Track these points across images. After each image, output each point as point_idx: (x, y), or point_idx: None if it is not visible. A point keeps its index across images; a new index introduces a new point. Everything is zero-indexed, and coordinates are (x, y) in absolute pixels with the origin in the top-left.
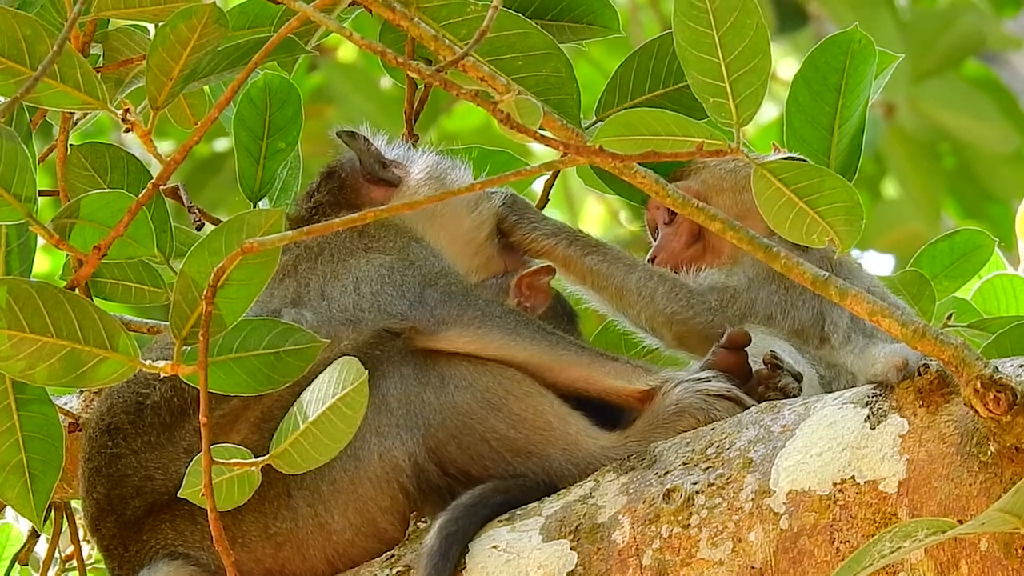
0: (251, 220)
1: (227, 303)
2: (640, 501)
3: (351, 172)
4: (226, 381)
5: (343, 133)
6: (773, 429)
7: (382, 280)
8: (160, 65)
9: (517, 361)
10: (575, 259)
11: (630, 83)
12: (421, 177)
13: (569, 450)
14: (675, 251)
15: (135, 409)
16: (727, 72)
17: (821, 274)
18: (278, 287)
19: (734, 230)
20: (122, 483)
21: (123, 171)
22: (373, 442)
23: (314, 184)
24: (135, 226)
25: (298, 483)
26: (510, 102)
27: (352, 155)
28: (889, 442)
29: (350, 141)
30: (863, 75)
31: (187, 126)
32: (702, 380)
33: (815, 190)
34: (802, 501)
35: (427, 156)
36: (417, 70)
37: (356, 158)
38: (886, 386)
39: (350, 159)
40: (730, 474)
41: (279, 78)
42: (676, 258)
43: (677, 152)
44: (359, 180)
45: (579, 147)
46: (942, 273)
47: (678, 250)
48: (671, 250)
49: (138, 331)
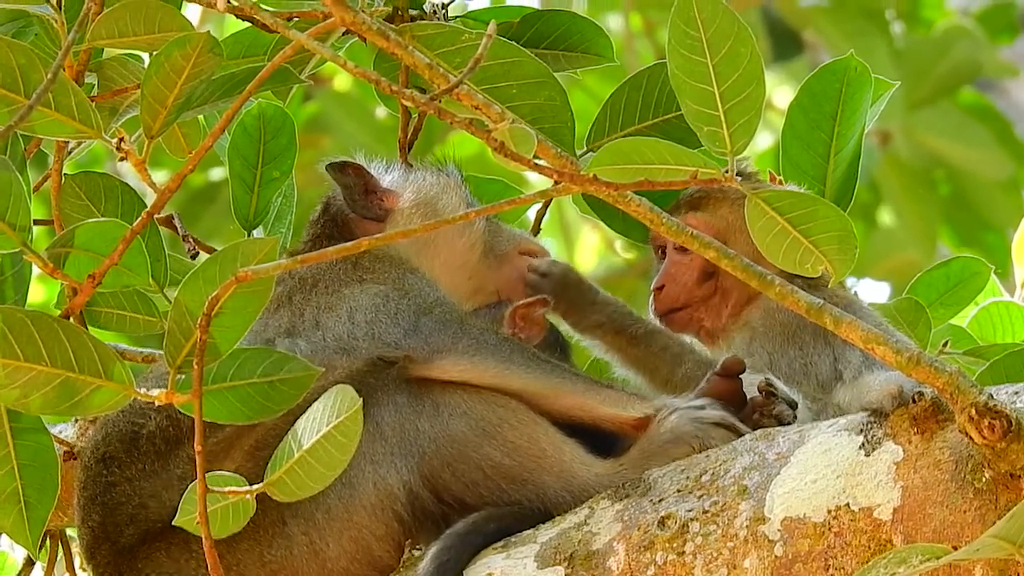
0: (245, 249)
1: (221, 332)
2: (635, 528)
3: (342, 207)
4: (220, 409)
5: (332, 165)
6: (768, 456)
7: (377, 309)
8: (155, 94)
9: (512, 389)
10: (621, 349)
11: (621, 112)
12: (411, 205)
13: (564, 477)
14: (686, 285)
15: (130, 438)
16: (721, 101)
17: (816, 302)
18: (272, 317)
19: (728, 258)
20: (117, 511)
21: (117, 200)
22: (368, 470)
23: (312, 217)
24: (129, 255)
25: (293, 511)
26: (504, 130)
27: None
28: (884, 469)
29: (337, 175)
30: (859, 103)
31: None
32: (697, 408)
33: (809, 219)
34: (797, 528)
35: (418, 180)
36: (411, 98)
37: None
38: (881, 413)
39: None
40: (725, 501)
41: (273, 107)
42: (685, 293)
43: (671, 180)
44: (349, 215)
45: (573, 175)
46: (938, 301)
47: (689, 285)
48: (681, 283)
49: (133, 360)
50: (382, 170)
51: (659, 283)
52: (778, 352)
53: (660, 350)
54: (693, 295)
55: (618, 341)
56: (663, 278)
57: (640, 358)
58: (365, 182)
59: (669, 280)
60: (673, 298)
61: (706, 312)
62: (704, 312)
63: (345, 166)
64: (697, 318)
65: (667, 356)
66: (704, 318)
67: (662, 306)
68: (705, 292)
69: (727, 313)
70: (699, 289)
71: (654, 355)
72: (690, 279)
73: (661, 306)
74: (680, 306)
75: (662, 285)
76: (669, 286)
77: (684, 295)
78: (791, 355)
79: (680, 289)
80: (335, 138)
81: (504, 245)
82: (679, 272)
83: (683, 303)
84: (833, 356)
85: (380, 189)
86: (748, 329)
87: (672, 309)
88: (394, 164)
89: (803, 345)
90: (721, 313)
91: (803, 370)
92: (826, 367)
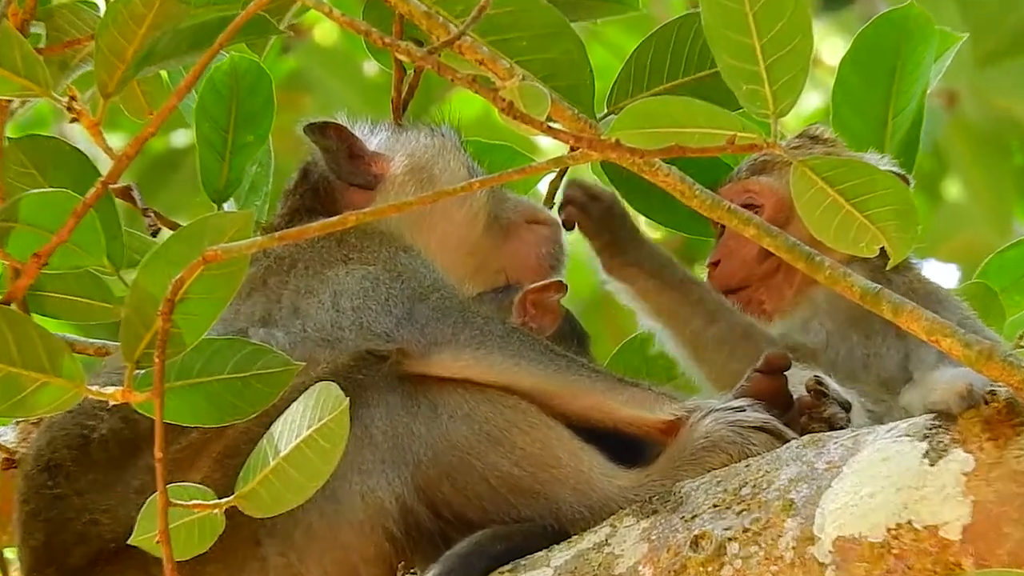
0: (214, 224)
1: (187, 320)
2: (664, 549)
3: (324, 173)
4: (185, 410)
5: (312, 127)
6: (817, 466)
7: (365, 294)
8: (111, 46)
9: (521, 388)
10: (653, 293)
11: (647, 69)
12: (404, 171)
13: (581, 490)
14: (744, 261)
15: (79, 443)
16: (762, 55)
17: (872, 287)
18: (245, 303)
19: (771, 236)
20: (64, 528)
21: (67, 168)
22: (355, 481)
23: (289, 186)
24: (81, 231)
25: (268, 528)
26: (513, 89)
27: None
28: (951, 481)
29: (318, 138)
30: (920, 58)
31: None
32: (735, 410)
33: (864, 191)
34: (851, 549)
35: (411, 141)
36: (406, 52)
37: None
38: (948, 416)
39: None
40: (768, 518)
41: (247, 62)
42: (743, 271)
43: (705, 146)
44: (333, 182)
45: (592, 140)
46: (1012, 286)
47: (748, 261)
48: (739, 259)
49: (84, 352)
50: (368, 132)
51: (714, 258)
52: (838, 334)
53: (695, 302)
54: (752, 272)
55: (652, 286)
56: (719, 252)
57: (670, 307)
58: (349, 145)
59: (726, 255)
60: (729, 276)
61: (767, 292)
62: (765, 292)
63: (326, 127)
64: (757, 299)
65: (700, 310)
66: (765, 299)
67: (717, 285)
68: (766, 269)
69: (791, 294)
70: (759, 266)
71: (688, 305)
72: (749, 254)
73: (717, 284)
74: (737, 285)
75: (717, 260)
76: (725, 262)
77: (742, 272)
78: (853, 341)
79: (738, 266)
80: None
81: (510, 215)
82: (737, 246)
83: (741, 282)
84: (905, 353)
85: (367, 153)
86: (809, 305)
87: (728, 289)
88: (382, 125)
89: (870, 333)
90: (784, 294)
91: (863, 361)
92: (892, 363)
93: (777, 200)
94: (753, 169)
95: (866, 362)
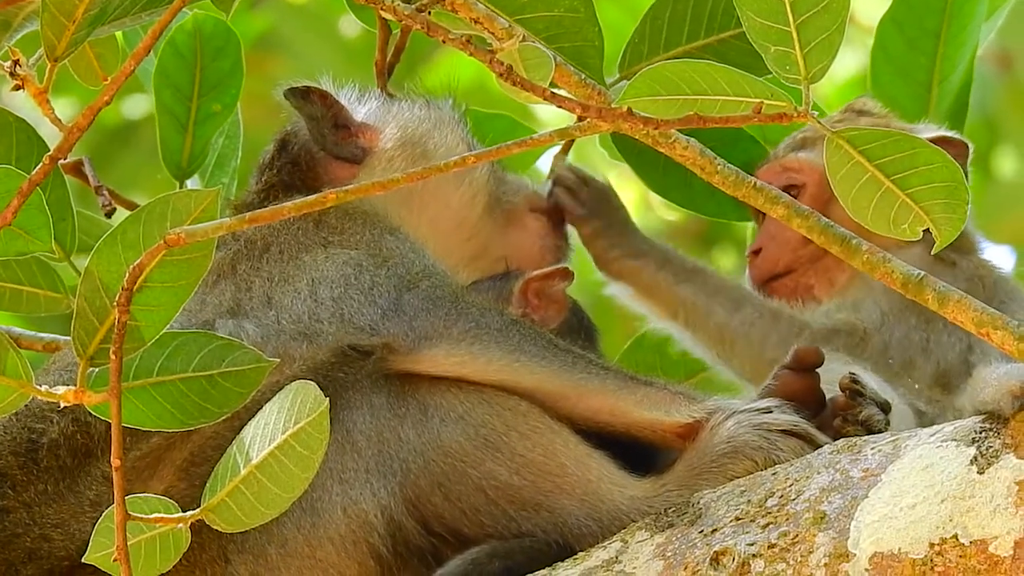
0: (177, 204)
1: (146, 312)
2: (680, 567)
3: (306, 144)
4: (145, 412)
5: (294, 91)
6: (852, 474)
7: (346, 282)
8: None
9: (522, 387)
10: (664, 288)
11: (664, 29)
12: (395, 145)
13: (589, 501)
14: (788, 245)
15: (27, 449)
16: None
17: (914, 273)
18: (212, 292)
19: (801, 217)
20: (11, 545)
21: (11, 141)
22: (336, 491)
23: (265, 159)
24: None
25: (238, 544)
26: (512, 51)
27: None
28: (1002, 490)
29: (301, 104)
30: (970, 15)
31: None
32: (761, 411)
33: (906, 166)
34: (890, 567)
35: (403, 112)
36: (392, 9)
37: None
38: (998, 418)
39: (305, 126)
40: (797, 532)
41: (213, 20)
42: (788, 255)
43: (728, 116)
44: (316, 154)
45: (602, 109)
46: None
47: (793, 245)
48: (783, 243)
49: (31, 348)
50: (355, 100)
51: (756, 246)
52: (894, 314)
53: (714, 291)
54: (798, 256)
55: (660, 279)
56: (761, 239)
57: (687, 301)
58: (335, 113)
59: (769, 241)
60: (774, 262)
61: (815, 275)
62: (813, 276)
63: (309, 92)
64: (804, 284)
65: (722, 298)
66: (814, 283)
67: (761, 272)
68: (813, 251)
69: (844, 276)
70: (805, 248)
71: (706, 295)
72: (794, 237)
73: (760, 272)
74: (782, 271)
75: (759, 248)
76: (769, 248)
77: (787, 257)
78: (911, 323)
79: (782, 250)
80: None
81: (512, 198)
82: (779, 230)
83: (787, 266)
84: (968, 343)
85: (354, 123)
86: (863, 286)
87: (774, 275)
88: (370, 92)
89: (931, 317)
90: (834, 276)
91: (921, 346)
92: (953, 353)
93: (819, 177)
94: (792, 146)
95: (925, 347)
